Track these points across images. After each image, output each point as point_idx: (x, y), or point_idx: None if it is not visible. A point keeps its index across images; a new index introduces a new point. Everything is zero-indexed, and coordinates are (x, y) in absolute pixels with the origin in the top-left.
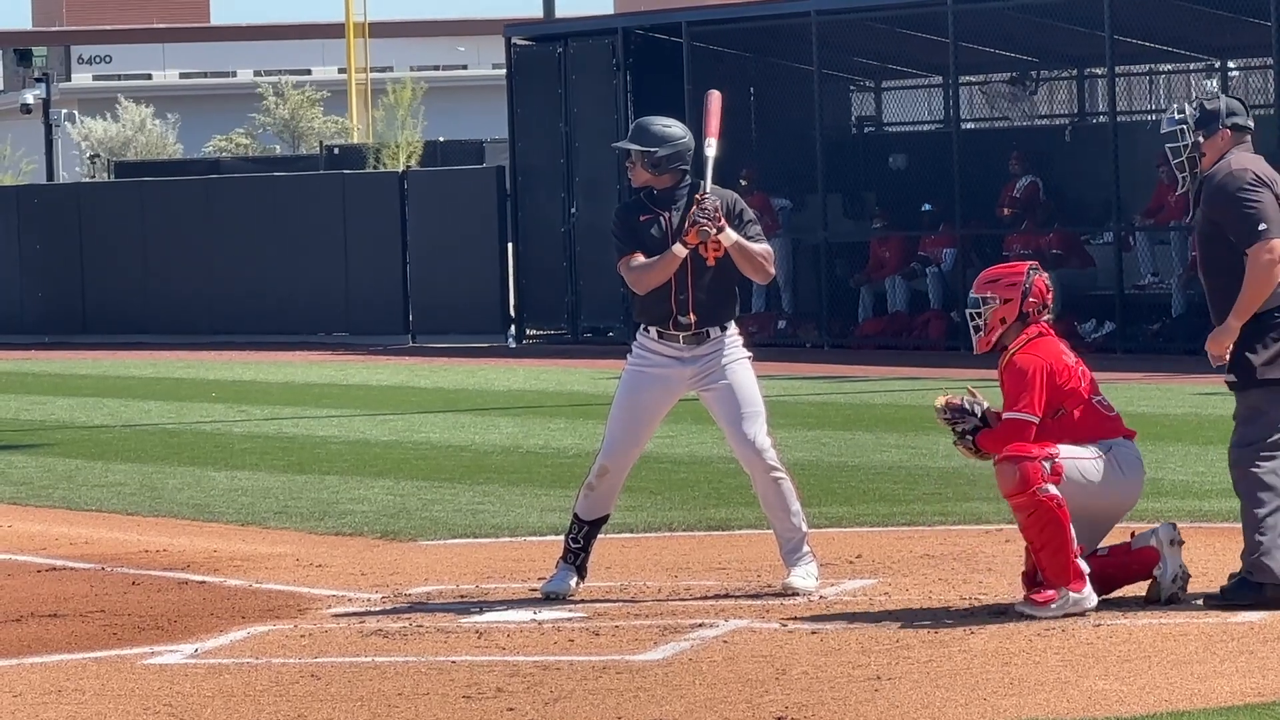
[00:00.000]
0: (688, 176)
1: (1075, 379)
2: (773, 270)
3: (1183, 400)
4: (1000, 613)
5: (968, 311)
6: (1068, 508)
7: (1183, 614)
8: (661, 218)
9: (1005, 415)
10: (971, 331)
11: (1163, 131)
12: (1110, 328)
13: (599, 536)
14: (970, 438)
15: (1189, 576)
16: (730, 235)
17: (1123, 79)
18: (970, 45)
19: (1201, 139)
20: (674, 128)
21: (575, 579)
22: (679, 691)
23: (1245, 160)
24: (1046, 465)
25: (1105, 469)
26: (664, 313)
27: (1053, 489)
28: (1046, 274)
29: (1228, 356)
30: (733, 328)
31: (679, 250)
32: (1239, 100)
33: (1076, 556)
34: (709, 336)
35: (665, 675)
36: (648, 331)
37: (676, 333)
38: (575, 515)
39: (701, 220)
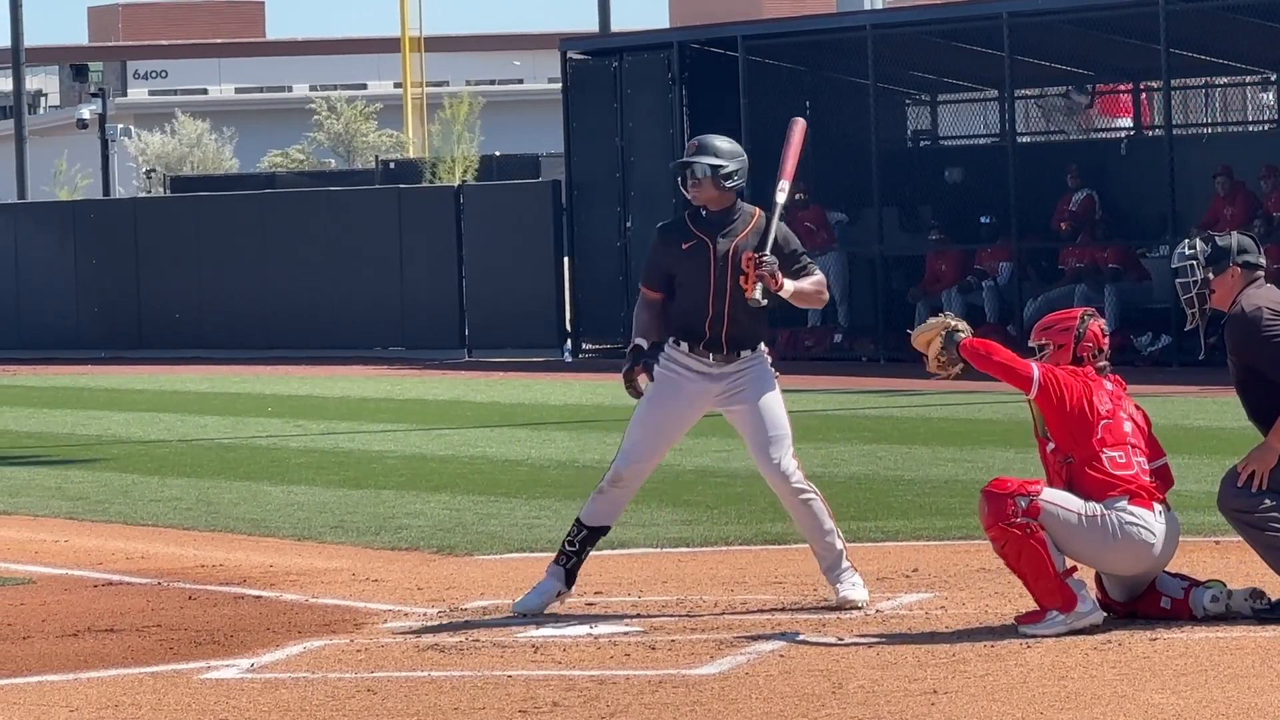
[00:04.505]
0: (740, 199)
1: (1092, 424)
2: (827, 295)
3: (1239, 413)
4: None
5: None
6: (1044, 534)
7: (1239, 628)
8: (707, 246)
9: (1033, 362)
10: None
11: (1173, 266)
12: (1166, 341)
13: (593, 550)
14: (949, 340)
15: (1260, 593)
16: (787, 288)
17: (1178, 92)
18: (1026, 59)
19: (1211, 275)
20: (737, 145)
21: (561, 587)
22: (735, 706)
23: (1256, 298)
24: (1022, 502)
25: (1091, 525)
26: (697, 333)
27: (1024, 520)
28: (1103, 320)
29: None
30: (763, 347)
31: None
32: (1251, 237)
33: (1065, 579)
34: (739, 356)
35: (722, 690)
36: (678, 344)
37: (707, 352)
38: (578, 519)
39: (760, 277)
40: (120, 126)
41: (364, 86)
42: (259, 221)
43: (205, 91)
